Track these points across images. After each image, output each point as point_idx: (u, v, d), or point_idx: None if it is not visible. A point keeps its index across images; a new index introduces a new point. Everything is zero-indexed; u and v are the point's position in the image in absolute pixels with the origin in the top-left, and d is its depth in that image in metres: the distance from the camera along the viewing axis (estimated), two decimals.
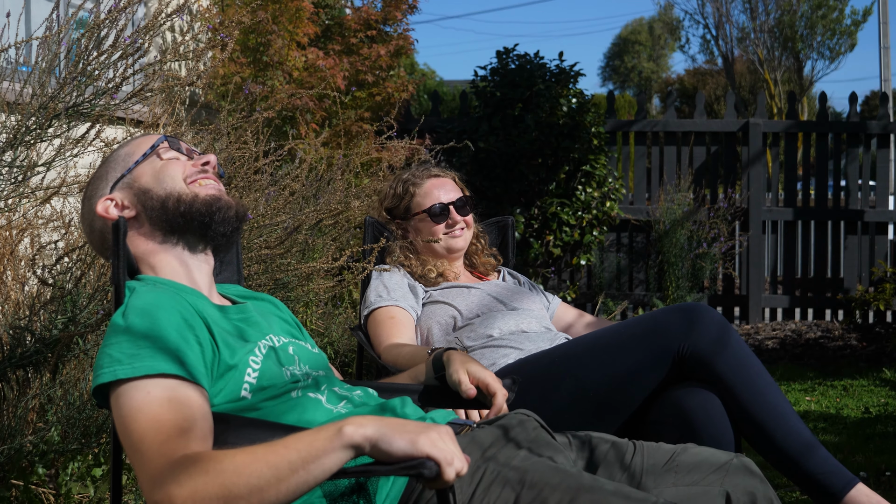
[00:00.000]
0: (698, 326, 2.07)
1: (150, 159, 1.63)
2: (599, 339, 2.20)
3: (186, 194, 1.58)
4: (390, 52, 5.62)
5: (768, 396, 2.04)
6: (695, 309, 2.11)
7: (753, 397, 2.03)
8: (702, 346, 2.06)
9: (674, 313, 2.13)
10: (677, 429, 1.99)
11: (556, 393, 2.14)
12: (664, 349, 2.08)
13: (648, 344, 2.10)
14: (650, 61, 39.68)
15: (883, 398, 4.48)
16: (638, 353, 2.11)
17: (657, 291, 6.78)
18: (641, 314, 2.45)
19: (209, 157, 1.64)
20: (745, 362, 2.06)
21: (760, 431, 2.02)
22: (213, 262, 1.66)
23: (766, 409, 2.02)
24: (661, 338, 2.09)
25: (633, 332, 2.16)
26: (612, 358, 2.13)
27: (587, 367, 2.14)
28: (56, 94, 2.20)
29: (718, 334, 2.07)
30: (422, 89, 14.97)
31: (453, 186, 2.74)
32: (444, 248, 2.68)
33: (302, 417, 1.48)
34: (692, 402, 2.03)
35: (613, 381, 2.11)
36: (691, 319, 2.08)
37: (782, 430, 2.01)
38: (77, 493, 2.52)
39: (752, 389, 2.03)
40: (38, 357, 2.30)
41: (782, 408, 2.03)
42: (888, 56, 16.21)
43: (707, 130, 6.98)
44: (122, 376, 1.33)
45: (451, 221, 2.68)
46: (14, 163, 2.21)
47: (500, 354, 2.34)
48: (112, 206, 1.59)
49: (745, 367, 2.05)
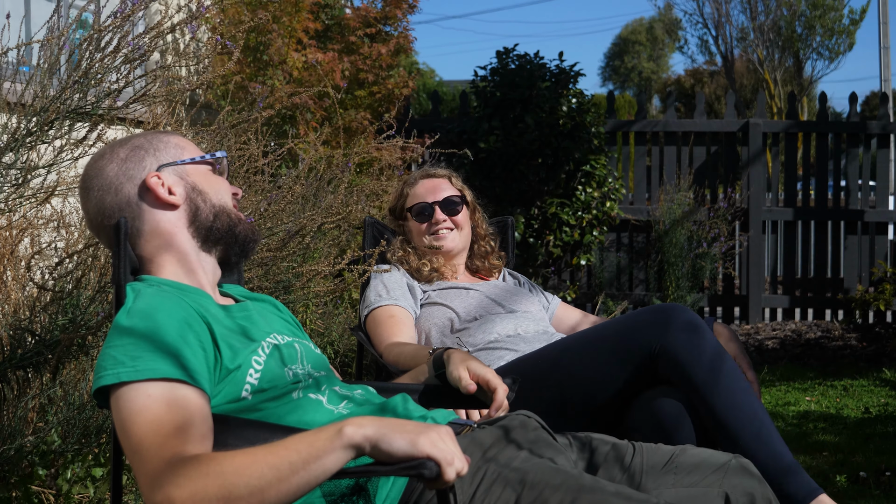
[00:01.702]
0: (671, 327, 2.04)
1: (204, 166, 1.64)
2: (577, 340, 2.20)
3: (235, 215, 1.63)
4: (390, 50, 5.62)
5: (739, 395, 1.99)
6: (667, 309, 2.09)
7: (724, 402, 1.98)
8: (673, 346, 2.03)
9: (647, 313, 2.11)
10: (653, 435, 1.95)
11: (541, 395, 2.13)
12: (636, 350, 2.06)
13: (622, 345, 2.09)
14: (650, 61, 39.68)
15: (883, 398, 4.48)
16: (611, 354, 2.09)
17: (657, 291, 6.79)
18: (619, 315, 2.43)
19: (239, 190, 1.69)
20: (716, 364, 2.01)
21: (729, 436, 1.97)
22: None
23: (736, 412, 1.97)
24: (634, 339, 2.07)
25: (608, 333, 2.14)
26: (587, 360, 2.12)
27: (564, 368, 2.13)
28: (58, 96, 2.20)
29: (690, 335, 2.04)
30: (422, 89, 14.97)
31: (447, 186, 2.73)
32: (427, 248, 2.67)
33: (303, 419, 1.48)
34: (665, 409, 2.01)
35: (586, 384, 2.10)
36: (664, 320, 2.06)
37: (748, 432, 1.96)
38: (77, 494, 2.52)
39: (724, 392, 1.98)
40: (38, 358, 2.30)
41: (752, 409, 1.99)
42: (888, 56, 16.21)
43: (707, 130, 6.98)
44: (124, 378, 1.33)
45: (434, 221, 2.67)
46: (14, 164, 2.21)
47: (496, 356, 2.34)
48: (160, 185, 1.57)
49: (716, 370, 2.01)
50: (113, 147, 1.61)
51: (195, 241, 1.59)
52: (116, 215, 1.55)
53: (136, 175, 1.57)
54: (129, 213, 1.55)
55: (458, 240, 2.70)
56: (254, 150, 3.18)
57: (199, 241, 1.60)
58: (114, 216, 1.55)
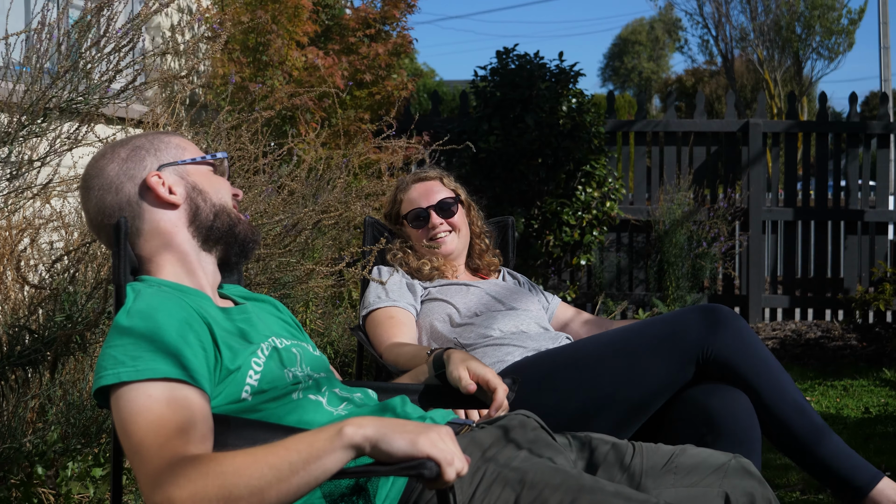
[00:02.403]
0: (719, 329, 2.07)
1: (205, 167, 1.64)
2: (615, 342, 2.16)
3: (236, 215, 1.63)
4: (388, 50, 5.62)
5: (791, 394, 2.06)
6: (714, 310, 2.10)
7: (778, 395, 2.04)
8: (725, 348, 2.05)
9: (692, 315, 2.11)
10: (700, 427, 1.98)
11: (572, 397, 2.10)
12: (686, 353, 2.07)
13: (669, 348, 2.08)
14: (650, 61, 39.67)
15: (883, 398, 4.48)
16: (659, 359, 2.08)
17: (657, 291, 6.78)
18: (654, 316, 2.43)
19: (240, 191, 1.69)
20: (767, 361, 2.07)
21: (785, 429, 2.04)
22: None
23: (790, 407, 2.04)
24: (682, 342, 2.08)
25: (652, 336, 2.12)
26: (634, 364, 2.09)
27: (607, 372, 2.10)
28: (48, 89, 2.19)
29: (739, 335, 2.07)
30: (422, 89, 14.97)
31: (440, 188, 2.70)
32: (428, 252, 2.66)
33: (303, 419, 1.48)
34: (716, 400, 2.02)
35: (640, 387, 2.08)
36: (711, 321, 2.08)
37: (806, 427, 2.03)
38: (77, 494, 2.52)
39: (777, 387, 2.05)
40: (36, 356, 2.30)
41: (803, 405, 2.06)
42: (888, 56, 16.20)
43: (707, 130, 6.98)
44: (125, 378, 1.33)
45: (431, 226, 2.65)
46: (7, 159, 2.20)
47: (504, 352, 2.33)
48: (161, 185, 1.57)
49: (767, 366, 2.06)
50: (114, 147, 1.61)
51: (195, 241, 1.59)
52: (117, 214, 1.55)
53: (137, 174, 1.57)
54: (129, 212, 1.55)
55: (457, 241, 2.69)
56: (252, 150, 3.18)
57: (199, 240, 1.60)
58: (114, 215, 1.55)
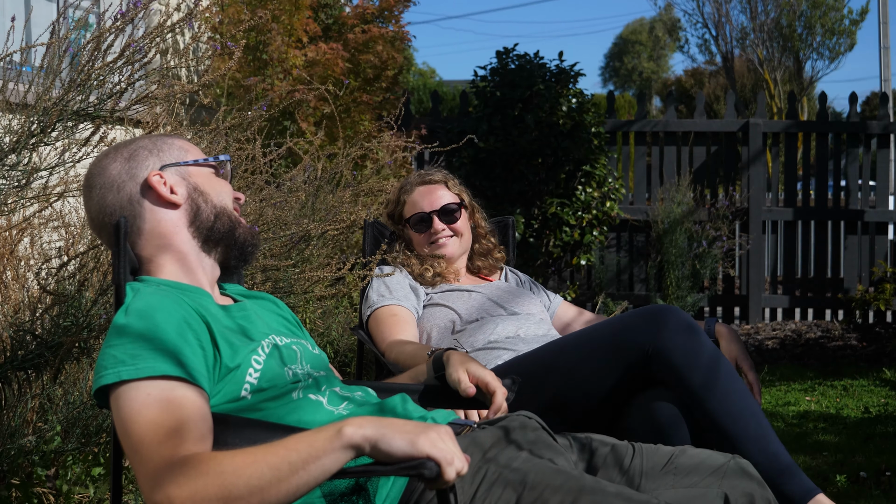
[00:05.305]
0: (664, 329, 2.03)
1: (207, 169, 1.64)
2: (572, 341, 2.18)
3: (236, 218, 1.64)
4: (384, 36, 5.63)
5: (735, 399, 1.98)
6: (661, 311, 2.07)
7: (720, 404, 1.97)
8: (668, 348, 2.01)
9: (641, 314, 2.09)
10: (650, 437, 1.92)
11: (538, 395, 2.11)
12: (630, 351, 2.05)
13: (616, 346, 2.07)
14: (650, 61, 39.65)
15: (883, 398, 4.48)
16: (605, 355, 2.08)
17: (657, 291, 6.78)
18: (612, 316, 2.42)
19: (241, 195, 1.70)
20: (712, 366, 2.00)
21: (726, 437, 1.96)
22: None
23: (732, 414, 1.96)
24: (628, 340, 2.06)
25: (603, 333, 2.13)
26: (583, 360, 2.10)
27: (560, 369, 2.12)
28: (60, 98, 2.19)
29: (685, 337, 2.02)
30: (422, 89, 14.96)
31: (444, 192, 2.69)
32: (429, 256, 2.66)
33: (303, 419, 1.48)
34: (661, 412, 2.00)
35: (582, 384, 2.09)
36: (657, 322, 2.04)
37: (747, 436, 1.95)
38: (77, 494, 2.52)
39: (720, 395, 1.97)
40: (39, 360, 2.30)
41: (749, 411, 1.97)
42: (888, 56, 16.20)
43: (707, 130, 6.98)
44: (125, 377, 1.33)
45: (433, 231, 2.65)
46: (17, 166, 2.21)
47: (494, 356, 2.34)
48: (162, 184, 1.57)
49: (712, 372, 1.99)
50: (117, 147, 1.62)
51: (195, 242, 1.59)
52: (117, 214, 1.55)
53: (139, 174, 1.57)
54: (130, 211, 1.56)
55: (459, 246, 2.69)
56: (250, 150, 3.17)
57: (199, 241, 1.60)
58: (115, 214, 1.55)
